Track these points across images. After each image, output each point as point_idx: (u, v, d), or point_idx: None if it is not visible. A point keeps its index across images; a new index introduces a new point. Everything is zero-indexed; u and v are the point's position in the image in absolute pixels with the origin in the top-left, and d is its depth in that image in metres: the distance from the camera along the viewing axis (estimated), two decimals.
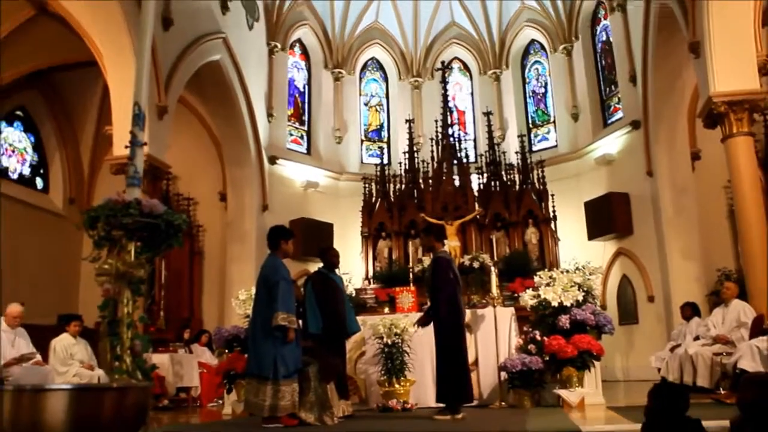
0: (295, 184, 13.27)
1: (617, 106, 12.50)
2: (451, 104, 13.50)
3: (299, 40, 14.15)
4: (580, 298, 6.45)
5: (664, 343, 8.78)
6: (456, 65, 14.83)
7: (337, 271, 6.14)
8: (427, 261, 10.39)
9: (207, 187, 12.44)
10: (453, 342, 5.23)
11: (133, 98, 3.08)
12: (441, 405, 5.30)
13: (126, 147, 2.99)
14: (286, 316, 4.79)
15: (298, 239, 12.23)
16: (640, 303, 11.26)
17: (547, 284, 6.69)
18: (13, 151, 11.63)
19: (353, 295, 11.43)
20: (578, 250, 11.34)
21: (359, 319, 6.60)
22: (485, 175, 12.31)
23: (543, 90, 14.30)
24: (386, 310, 10.50)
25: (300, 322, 5.42)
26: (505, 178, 12.14)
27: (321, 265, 6.03)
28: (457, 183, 12.05)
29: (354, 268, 12.10)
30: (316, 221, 12.94)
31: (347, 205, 13.68)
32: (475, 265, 10.69)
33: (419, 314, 6.11)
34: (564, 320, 6.32)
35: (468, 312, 6.90)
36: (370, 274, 11.93)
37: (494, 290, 7.18)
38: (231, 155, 11.93)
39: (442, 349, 5.25)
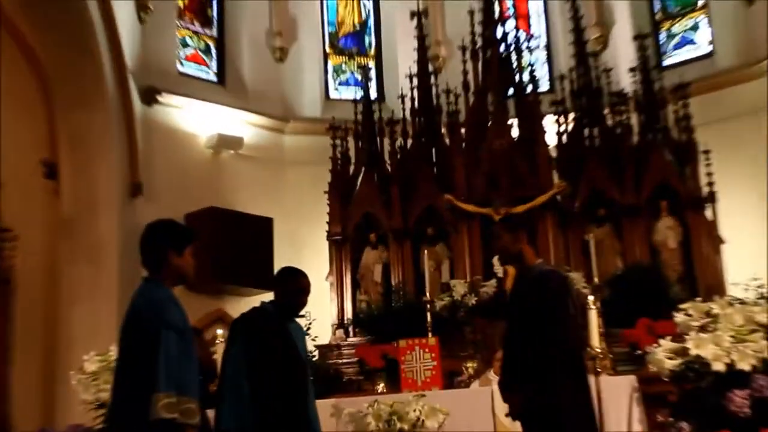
0: (195, 143, 13.27)
1: None
2: None
3: None
4: None
5: None
6: None
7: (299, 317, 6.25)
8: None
9: (18, 155, 12.23)
10: None
11: None
12: None
13: None
14: (176, 401, 4.70)
15: (204, 249, 12.23)
16: None
17: (702, 328, 6.73)
18: None
19: (314, 358, 11.60)
20: (761, 262, 11.28)
21: (326, 404, 6.79)
22: (571, 117, 12.32)
23: None
24: (380, 385, 10.55)
25: (208, 412, 5.39)
26: (610, 122, 12.17)
27: (269, 299, 6.13)
28: (515, 134, 12.07)
29: (316, 304, 12.01)
30: (240, 213, 12.96)
31: (300, 180, 13.71)
32: None
33: (453, 390, 6.00)
34: (739, 400, 6.30)
35: None
36: (347, 315, 12.00)
37: (595, 341, 7.16)
38: (67, 90, 11.82)
39: None
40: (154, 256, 5.07)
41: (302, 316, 10.66)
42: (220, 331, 8.51)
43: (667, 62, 14.24)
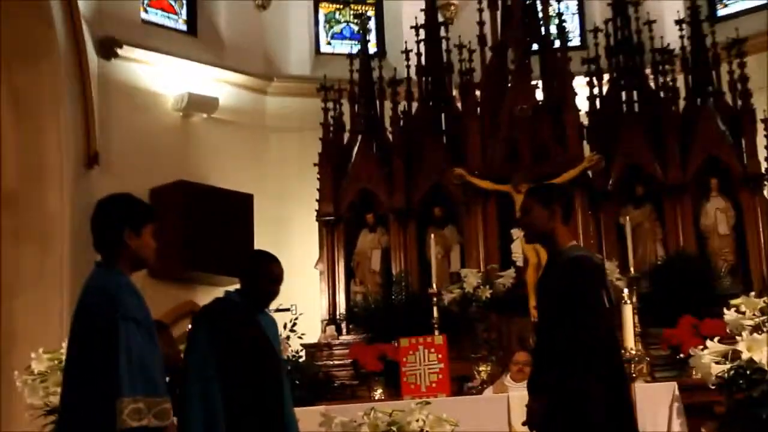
0: (162, 104, 13.25)
1: None
2: None
3: None
4: None
5: None
6: None
7: (271, 308, 6.32)
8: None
9: None
10: None
11: None
12: None
13: None
14: (145, 404, 4.73)
15: (173, 230, 12.10)
16: None
17: (757, 328, 6.76)
18: None
19: (300, 359, 11.70)
20: None
21: (314, 412, 6.79)
22: (605, 77, 12.32)
23: None
24: (378, 391, 10.59)
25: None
26: (652, 84, 12.17)
27: (235, 288, 6.17)
28: (539, 97, 12.08)
29: (303, 296, 12.07)
30: (214, 189, 12.95)
31: (285, 150, 13.71)
32: None
33: (463, 398, 6.02)
34: None
35: None
36: (340, 309, 12.03)
37: (629, 342, 7.21)
38: (8, 41, 11.74)
39: None
40: (107, 237, 5.06)
41: (287, 309, 10.86)
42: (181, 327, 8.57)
43: (721, 13, 14.16)
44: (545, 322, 5.57)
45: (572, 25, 14.48)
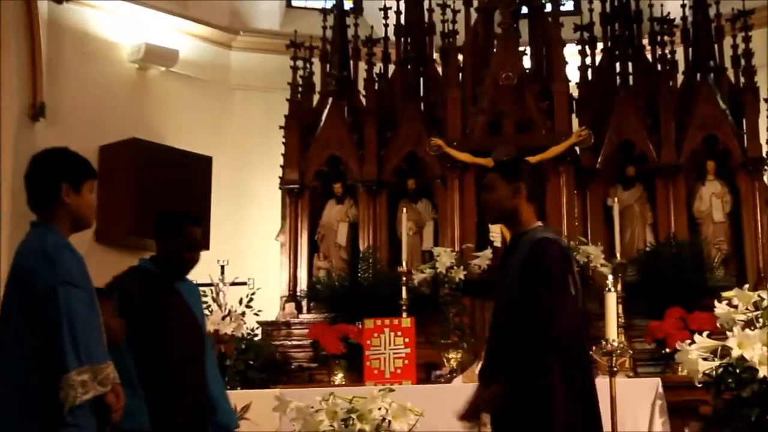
0: (116, 55, 13.18)
1: None
2: None
3: None
4: None
5: None
6: None
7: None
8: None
9: None
10: None
11: None
12: None
13: None
14: (90, 372, 4.72)
15: (123, 192, 12.14)
16: None
17: (749, 324, 6.77)
18: None
19: (255, 338, 11.69)
20: None
21: (268, 395, 6.80)
22: (599, 47, 12.34)
23: None
24: (339, 376, 10.61)
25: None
26: (649, 56, 12.22)
27: (150, 255, 6.30)
28: (527, 65, 12.10)
29: (262, 269, 12.10)
30: (170, 149, 12.92)
31: (249, 110, 13.73)
32: None
33: (430, 386, 6.01)
34: None
35: None
36: (301, 286, 12.07)
37: (611, 333, 7.21)
38: None
39: None
40: (43, 194, 5.11)
41: (243, 283, 10.82)
42: None
43: None
44: (504, 307, 5.57)
45: None
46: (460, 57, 12.12)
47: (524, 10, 12.33)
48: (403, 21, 12.65)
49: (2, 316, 4.97)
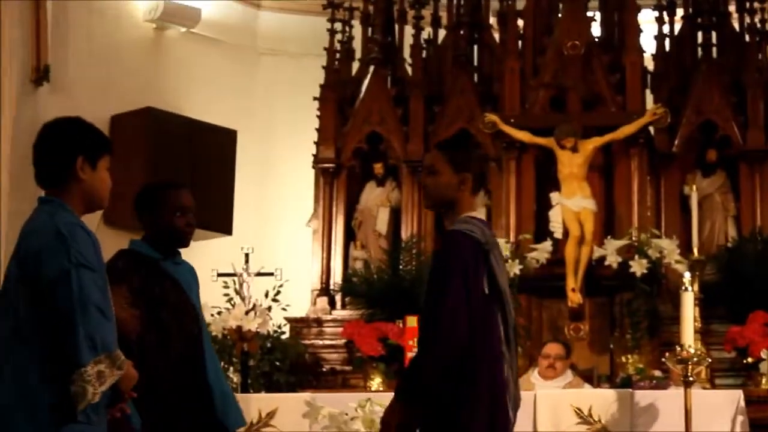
0: (130, 13, 13.18)
1: None
2: None
3: None
4: None
5: None
6: None
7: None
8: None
9: None
10: None
11: None
12: None
13: None
14: (107, 360, 4.76)
15: (135, 167, 12.10)
16: None
17: None
18: None
19: (282, 335, 11.76)
20: None
21: (298, 399, 6.61)
22: (679, 13, 12.29)
23: None
24: (376, 380, 10.65)
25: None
26: (736, 25, 12.15)
27: (142, 237, 6.28)
28: (596, 33, 12.11)
29: (292, 259, 12.15)
30: (190, 120, 12.94)
31: (279, 79, 13.72)
32: (636, 267, 10.84)
33: None
34: None
35: (608, 395, 6.73)
36: (335, 278, 12.11)
37: (687, 338, 7.25)
38: None
39: None
40: (55, 166, 5.04)
41: (270, 273, 10.87)
42: None
43: None
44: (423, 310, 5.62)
45: None
46: (520, 22, 12.09)
47: None
48: None
49: (3, 301, 4.97)
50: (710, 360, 8.89)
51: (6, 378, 4.84)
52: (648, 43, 12.03)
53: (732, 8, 12.24)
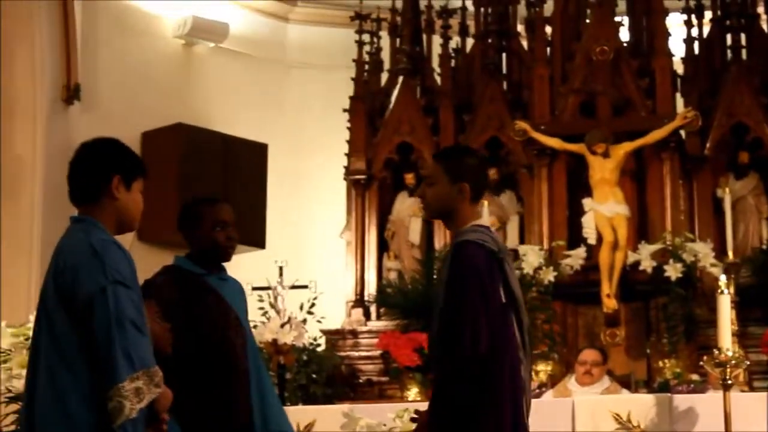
0: (159, 30, 13.27)
1: None
2: None
3: None
4: None
5: None
6: None
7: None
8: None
9: None
10: None
11: None
12: None
13: None
14: (144, 376, 4.76)
15: (167, 183, 12.17)
16: None
17: None
18: None
19: (318, 347, 11.75)
20: None
21: (336, 411, 6.71)
22: (707, 16, 12.28)
23: None
24: (413, 391, 10.68)
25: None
26: (765, 27, 12.18)
27: (186, 253, 6.25)
28: (625, 37, 12.10)
29: (325, 271, 12.17)
30: (220, 135, 12.98)
31: (309, 91, 13.74)
32: (670, 271, 10.83)
33: None
34: None
35: (647, 400, 6.71)
36: (369, 289, 12.12)
37: (725, 341, 7.24)
38: None
39: None
40: (92, 186, 5.05)
41: (304, 286, 10.85)
42: None
43: None
44: (434, 321, 5.60)
45: None
46: (548, 29, 12.10)
47: None
48: None
49: (40, 320, 4.98)
50: (748, 363, 8.86)
51: (46, 396, 4.85)
52: (677, 47, 12.00)
53: (761, 10, 12.25)
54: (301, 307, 10.87)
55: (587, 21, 12.01)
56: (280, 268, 10.94)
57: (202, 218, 6.12)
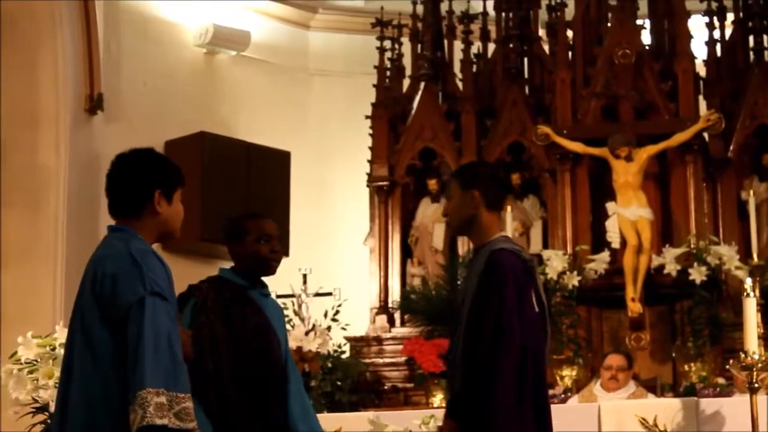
0: (181, 38, 13.32)
1: None
2: None
3: None
4: None
5: None
6: None
7: (270, 287, 6.29)
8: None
9: None
10: None
11: None
12: None
13: None
14: (167, 398, 4.76)
15: (191, 193, 12.21)
16: None
17: None
18: None
19: (343, 354, 11.75)
20: None
21: (361, 418, 6.76)
22: (730, 18, 12.25)
23: None
24: (438, 397, 10.70)
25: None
26: None
27: (229, 266, 6.28)
28: (647, 40, 12.09)
29: (349, 278, 12.19)
30: (243, 143, 13.04)
31: (331, 98, 13.76)
32: (695, 275, 10.80)
33: None
34: None
35: (673, 404, 6.70)
36: (393, 296, 12.11)
37: (752, 345, 7.23)
38: None
39: None
40: (135, 198, 5.03)
41: (328, 293, 10.83)
42: None
43: None
44: (461, 328, 5.61)
45: None
46: (570, 33, 12.09)
47: None
48: None
49: (74, 328, 4.98)
50: None
51: (79, 404, 4.86)
52: (699, 49, 11.99)
53: None
54: (326, 315, 10.89)
55: (608, 24, 11.98)
56: (304, 276, 10.96)
57: (246, 232, 6.14)
